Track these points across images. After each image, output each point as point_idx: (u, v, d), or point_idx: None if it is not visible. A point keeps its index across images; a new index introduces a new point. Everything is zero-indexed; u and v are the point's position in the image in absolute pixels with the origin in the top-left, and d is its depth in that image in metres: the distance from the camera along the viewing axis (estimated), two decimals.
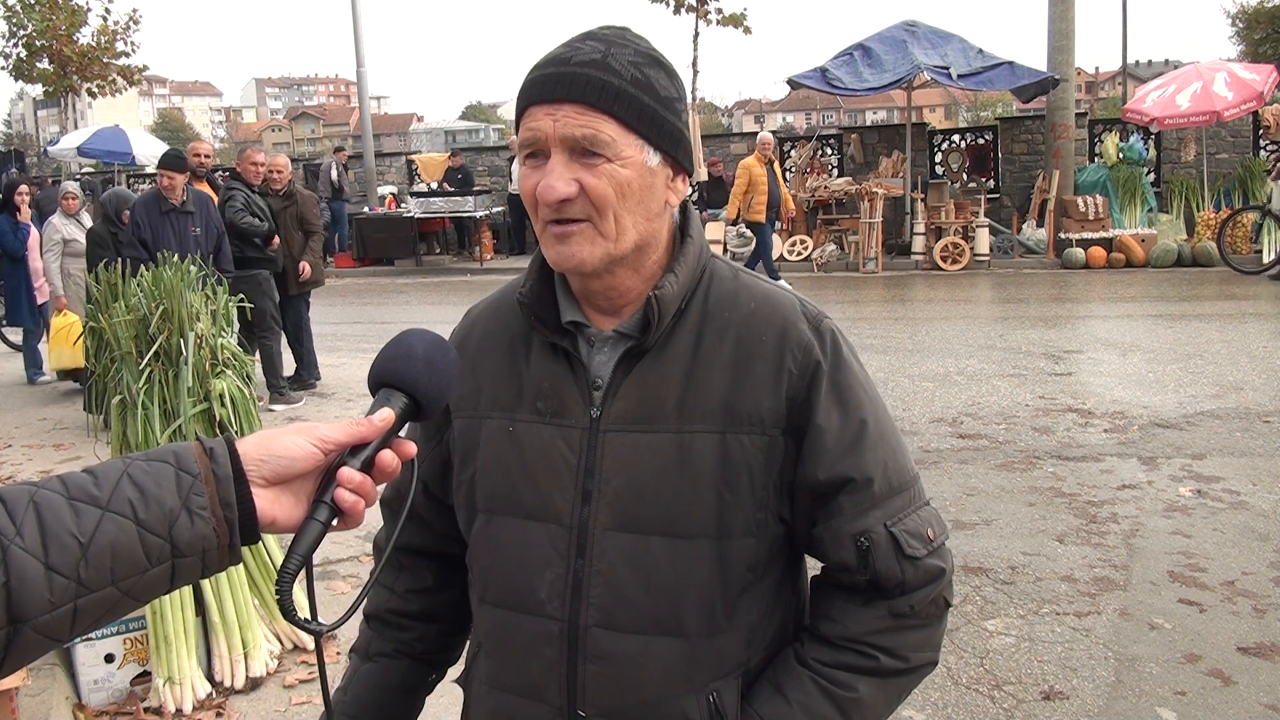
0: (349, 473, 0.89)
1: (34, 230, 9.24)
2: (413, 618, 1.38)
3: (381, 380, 0.97)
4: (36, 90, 24.70)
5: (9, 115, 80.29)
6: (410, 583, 1.38)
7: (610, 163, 1.10)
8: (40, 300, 8.83)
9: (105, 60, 22.44)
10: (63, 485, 0.80)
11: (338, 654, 3.56)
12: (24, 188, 9.51)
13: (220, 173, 12.21)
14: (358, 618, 1.29)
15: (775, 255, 14.79)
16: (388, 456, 0.93)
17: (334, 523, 0.90)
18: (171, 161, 7.11)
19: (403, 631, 1.38)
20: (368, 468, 0.91)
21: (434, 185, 18.14)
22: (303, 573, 0.89)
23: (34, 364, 9.03)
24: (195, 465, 0.83)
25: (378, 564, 1.03)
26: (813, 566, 1.30)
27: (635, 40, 1.16)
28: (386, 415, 0.93)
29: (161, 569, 0.80)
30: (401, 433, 0.97)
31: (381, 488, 1.09)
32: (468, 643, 1.37)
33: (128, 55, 22.83)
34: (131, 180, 20.02)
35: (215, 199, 7.42)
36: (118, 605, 0.80)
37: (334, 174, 17.52)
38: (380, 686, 1.36)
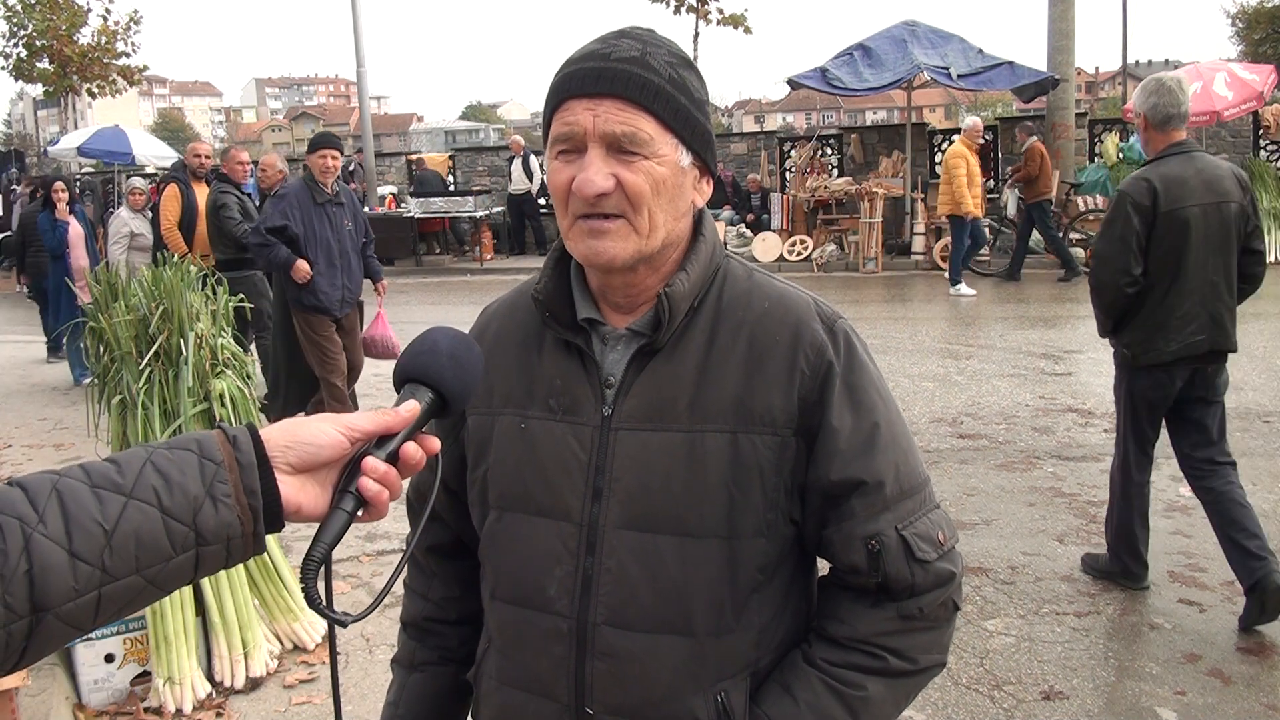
0: (374, 462, 0.89)
1: (74, 226, 8.99)
2: (451, 623, 1.38)
3: (407, 375, 0.97)
4: (36, 90, 24.71)
5: (9, 115, 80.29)
6: (443, 590, 1.38)
7: (647, 160, 1.11)
8: (84, 300, 8.62)
9: (105, 60, 22.47)
10: (85, 473, 0.80)
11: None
12: (60, 184, 9.24)
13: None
14: (391, 613, 1.29)
15: (775, 256, 14.80)
16: (412, 449, 0.93)
17: (359, 514, 0.90)
18: (332, 140, 6.07)
19: (444, 638, 1.38)
20: (393, 460, 0.91)
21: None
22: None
23: (80, 365, 8.54)
24: (219, 452, 0.83)
25: (402, 560, 1.04)
26: (819, 567, 1.30)
27: (666, 41, 1.17)
28: (412, 407, 0.94)
29: (185, 557, 0.80)
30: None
31: (406, 483, 1.09)
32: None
33: (128, 55, 22.88)
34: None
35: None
36: (142, 594, 0.79)
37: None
38: (432, 695, 1.37)
